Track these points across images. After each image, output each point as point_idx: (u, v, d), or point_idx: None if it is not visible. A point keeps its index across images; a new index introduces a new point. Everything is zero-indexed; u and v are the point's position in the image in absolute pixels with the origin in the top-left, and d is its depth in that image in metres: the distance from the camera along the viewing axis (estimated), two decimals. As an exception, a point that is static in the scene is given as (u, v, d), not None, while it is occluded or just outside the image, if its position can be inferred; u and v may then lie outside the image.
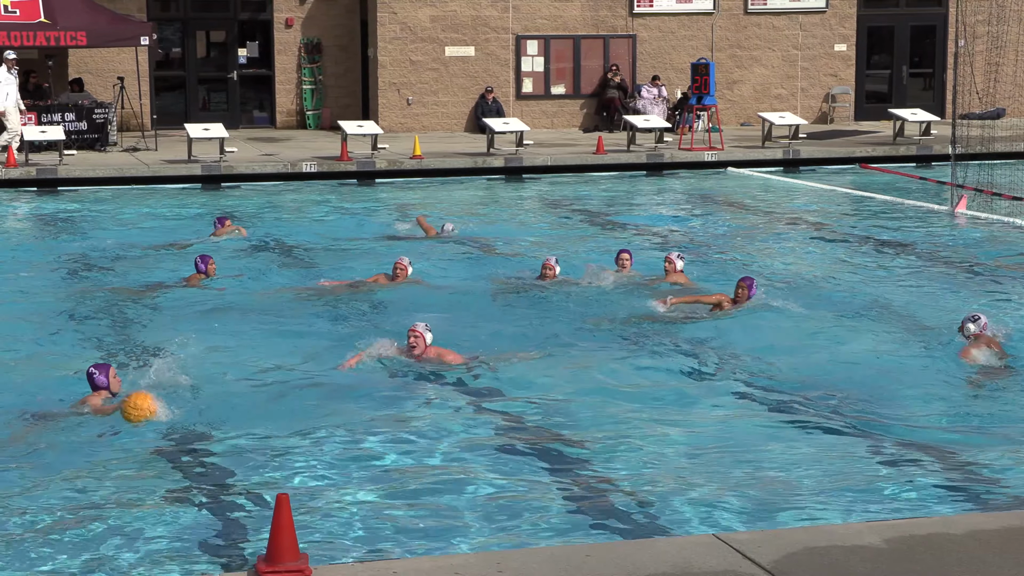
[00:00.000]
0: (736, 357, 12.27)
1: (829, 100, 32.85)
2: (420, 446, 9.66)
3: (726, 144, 27.99)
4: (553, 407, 10.71)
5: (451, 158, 26.67)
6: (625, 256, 15.57)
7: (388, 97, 30.89)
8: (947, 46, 32.64)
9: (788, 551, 6.68)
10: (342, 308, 14.26)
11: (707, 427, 10.17)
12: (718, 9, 32.07)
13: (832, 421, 10.33)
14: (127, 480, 8.96)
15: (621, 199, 23.62)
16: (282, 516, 6.57)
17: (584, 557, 6.76)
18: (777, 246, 18.30)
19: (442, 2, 30.82)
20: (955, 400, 10.88)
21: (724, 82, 31.77)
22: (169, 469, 9.28)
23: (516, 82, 31.47)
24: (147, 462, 9.37)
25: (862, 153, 27.90)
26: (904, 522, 7.40)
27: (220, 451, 9.63)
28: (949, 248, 18.11)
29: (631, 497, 8.69)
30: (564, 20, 31.50)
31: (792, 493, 8.66)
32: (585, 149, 27.60)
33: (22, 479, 8.99)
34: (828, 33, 32.70)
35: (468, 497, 8.65)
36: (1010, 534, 6.90)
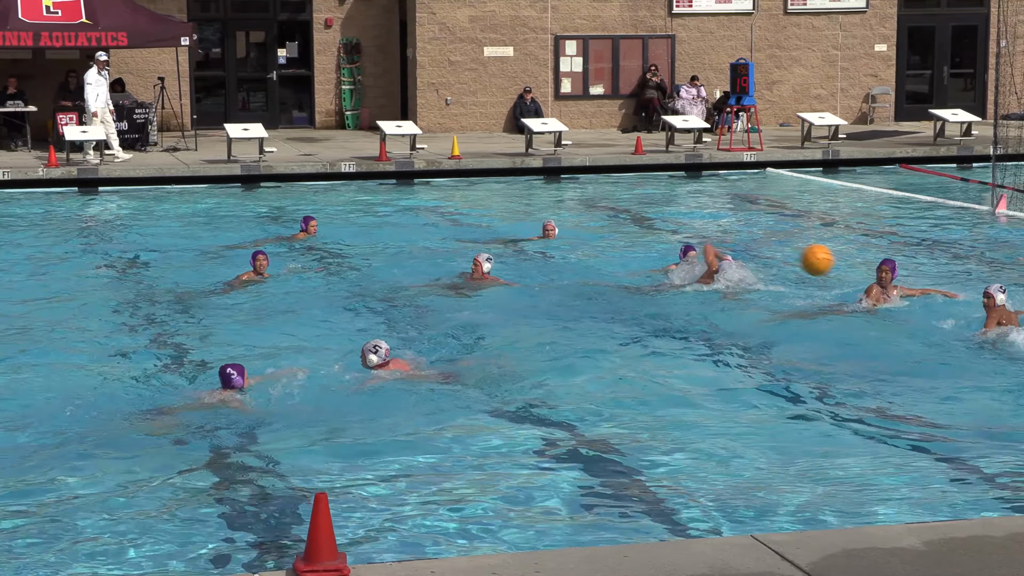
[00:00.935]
0: (773, 355, 12.24)
1: (869, 100, 32.69)
2: (456, 447, 9.68)
3: (765, 145, 27.90)
4: (588, 408, 10.70)
5: (489, 158, 26.69)
6: (693, 253, 15.69)
7: (427, 97, 30.94)
8: (988, 46, 32.44)
9: (826, 553, 6.66)
10: (408, 308, 14.31)
11: (745, 427, 10.15)
12: (757, 9, 31.98)
13: (872, 423, 10.29)
14: (171, 479, 9.02)
15: (659, 199, 23.58)
16: (320, 515, 6.59)
17: (622, 558, 6.75)
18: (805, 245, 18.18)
19: (481, 2, 30.85)
20: (995, 400, 10.81)
21: (763, 82, 31.67)
22: (210, 467, 9.34)
23: (554, 82, 31.47)
24: (190, 459, 9.44)
25: (902, 154, 27.76)
26: (943, 524, 7.36)
27: (260, 450, 9.68)
28: (990, 248, 17.99)
29: (669, 498, 8.68)
30: (603, 20, 31.47)
31: (831, 495, 8.63)
32: (624, 149, 27.57)
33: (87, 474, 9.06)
34: (868, 33, 32.54)
35: (505, 498, 8.65)
36: (1051, 537, 6.86)
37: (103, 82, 25.85)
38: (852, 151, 27.86)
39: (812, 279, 14.44)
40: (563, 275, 16.08)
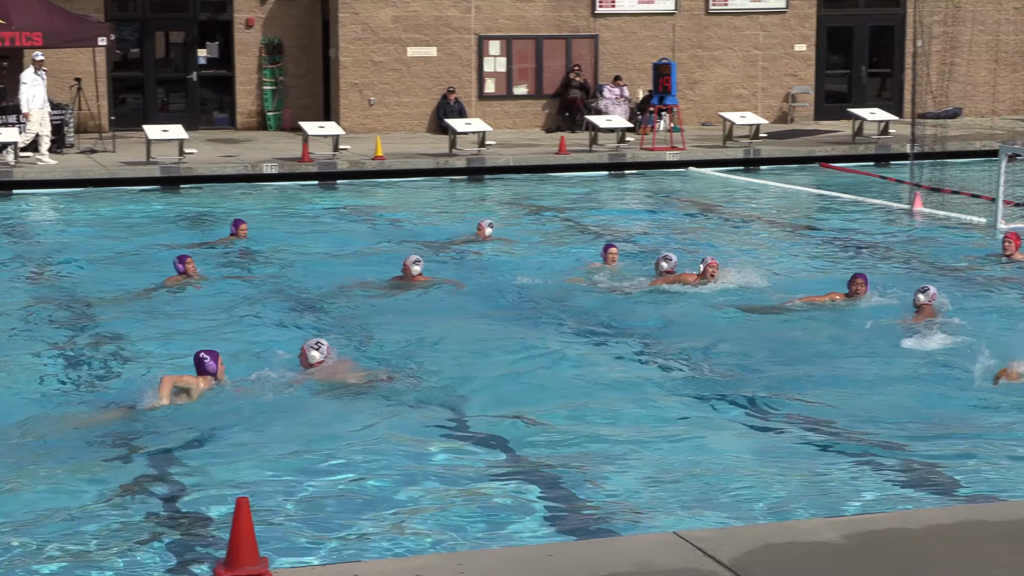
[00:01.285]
0: (702, 355, 12.33)
1: (789, 100, 32.99)
2: (382, 449, 9.65)
3: (688, 144, 28.08)
4: (515, 407, 10.71)
5: (413, 159, 26.64)
6: (613, 250, 16.05)
7: (350, 98, 30.84)
8: (905, 46, 32.86)
9: (748, 548, 6.72)
10: (340, 311, 14.26)
11: (669, 425, 10.21)
12: (679, 10, 32.17)
13: (791, 418, 10.39)
14: (93, 481, 8.92)
15: (584, 199, 23.65)
16: (241, 519, 6.55)
17: (546, 557, 6.77)
18: (738, 245, 18.36)
19: (404, 2, 30.79)
20: (910, 395, 10.95)
21: (685, 82, 31.86)
22: (130, 470, 9.24)
23: (478, 82, 31.47)
24: (104, 467, 9.33)
25: (822, 152, 28.04)
26: (862, 518, 7.45)
27: (180, 456, 9.60)
28: (907, 245, 18.24)
29: (593, 496, 8.71)
30: (526, 20, 31.52)
31: (753, 491, 8.70)
32: (547, 149, 27.63)
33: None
34: (788, 33, 32.85)
35: (430, 498, 8.64)
36: (965, 528, 6.96)
37: (40, 82, 25.48)
38: (773, 150, 28.11)
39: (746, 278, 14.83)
40: (496, 275, 16.11)
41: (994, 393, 10.86)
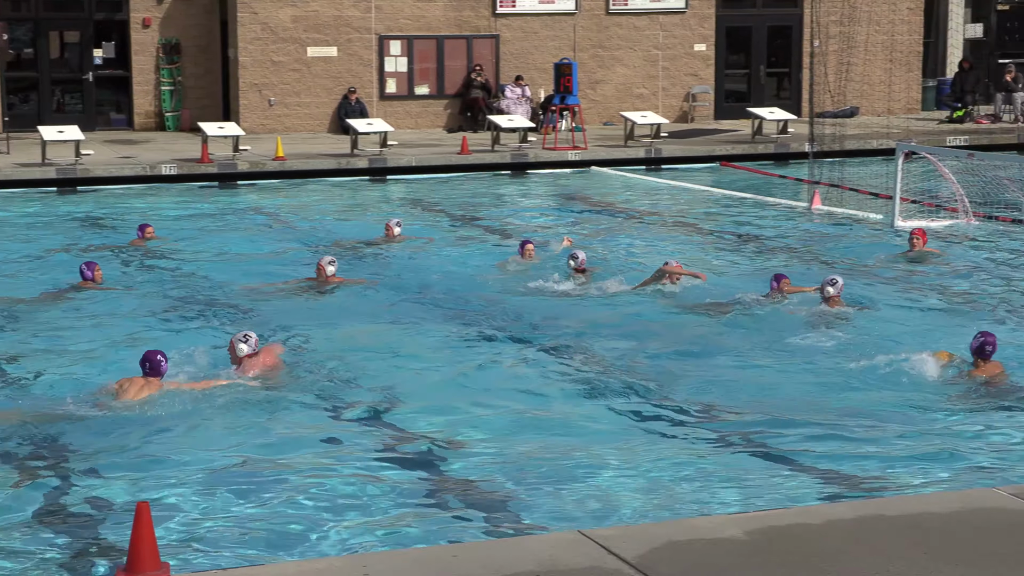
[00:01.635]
0: (594, 351, 12.37)
1: (689, 99, 33.25)
2: (288, 451, 9.57)
3: (589, 143, 28.19)
4: (422, 407, 10.70)
5: (314, 159, 26.48)
6: (530, 246, 16.28)
7: (249, 98, 30.56)
8: (802, 46, 33.25)
9: (651, 545, 6.74)
10: (251, 313, 14.14)
11: (572, 423, 10.23)
12: (580, 10, 32.29)
13: (695, 416, 10.46)
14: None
15: (486, 198, 23.66)
16: (142, 525, 6.46)
17: (451, 557, 6.75)
18: (639, 243, 18.47)
19: (303, 2, 30.58)
20: (811, 391, 11.08)
21: (587, 82, 31.98)
22: (28, 481, 9.08)
23: (379, 82, 31.35)
24: (9, 467, 9.17)
25: (722, 152, 28.31)
26: (764, 514, 7.51)
27: (80, 462, 9.45)
28: (806, 242, 18.45)
29: (498, 496, 8.70)
30: (427, 20, 31.46)
31: (656, 489, 8.75)
32: (450, 149, 27.60)
33: None
34: (688, 33, 33.10)
35: (335, 501, 8.59)
36: (866, 522, 7.04)
37: None
38: (674, 149, 28.31)
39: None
40: (406, 274, 16.08)
41: (896, 388, 11.03)
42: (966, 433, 9.88)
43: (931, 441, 9.67)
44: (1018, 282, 15.44)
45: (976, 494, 7.70)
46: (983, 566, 6.45)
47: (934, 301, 14.39)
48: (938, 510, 7.23)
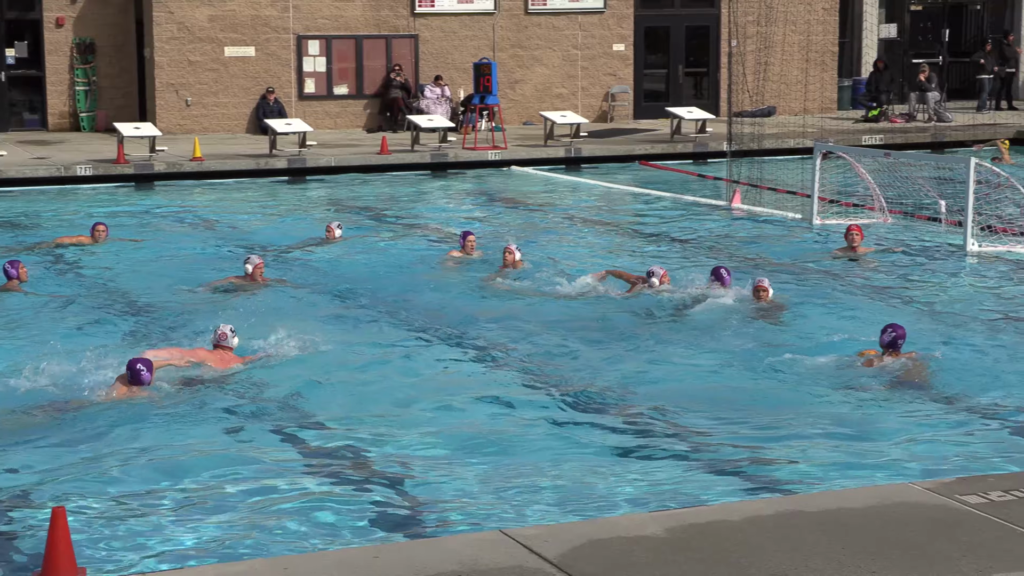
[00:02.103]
0: (520, 349, 12.39)
1: (609, 99, 33.38)
2: (206, 454, 9.50)
3: (509, 143, 28.22)
4: (344, 408, 10.65)
5: (233, 160, 26.27)
6: (472, 238, 16.61)
7: (166, 98, 30.27)
8: (720, 46, 33.51)
9: (573, 544, 6.77)
10: (179, 314, 14.01)
11: (494, 424, 10.24)
12: (499, 9, 32.31)
13: (612, 415, 10.50)
14: None
15: (406, 198, 23.61)
16: (58, 530, 6.38)
17: (372, 558, 6.73)
18: (559, 242, 18.51)
19: (220, 1, 30.33)
20: (731, 388, 11.17)
21: (506, 82, 32.01)
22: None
23: (298, 82, 31.18)
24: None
25: (641, 151, 28.44)
26: (684, 511, 7.56)
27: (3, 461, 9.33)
28: (726, 240, 18.59)
29: (419, 496, 8.69)
30: (345, 20, 31.32)
31: (578, 487, 8.77)
32: (369, 149, 27.51)
33: None
34: (607, 33, 33.23)
35: (255, 504, 8.53)
36: (784, 519, 7.11)
37: None
38: (593, 149, 28.41)
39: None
40: (341, 275, 16.07)
41: (815, 384, 11.14)
42: (882, 428, 10.00)
43: (849, 437, 9.77)
44: (936, 279, 15.65)
45: (891, 489, 7.81)
46: (898, 559, 6.54)
47: (862, 297, 14.53)
48: (855, 505, 7.31)
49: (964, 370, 11.49)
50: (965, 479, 7.96)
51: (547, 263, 16.57)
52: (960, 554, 6.59)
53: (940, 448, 9.48)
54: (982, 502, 7.28)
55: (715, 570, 6.43)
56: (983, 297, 14.56)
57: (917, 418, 10.24)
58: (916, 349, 11.77)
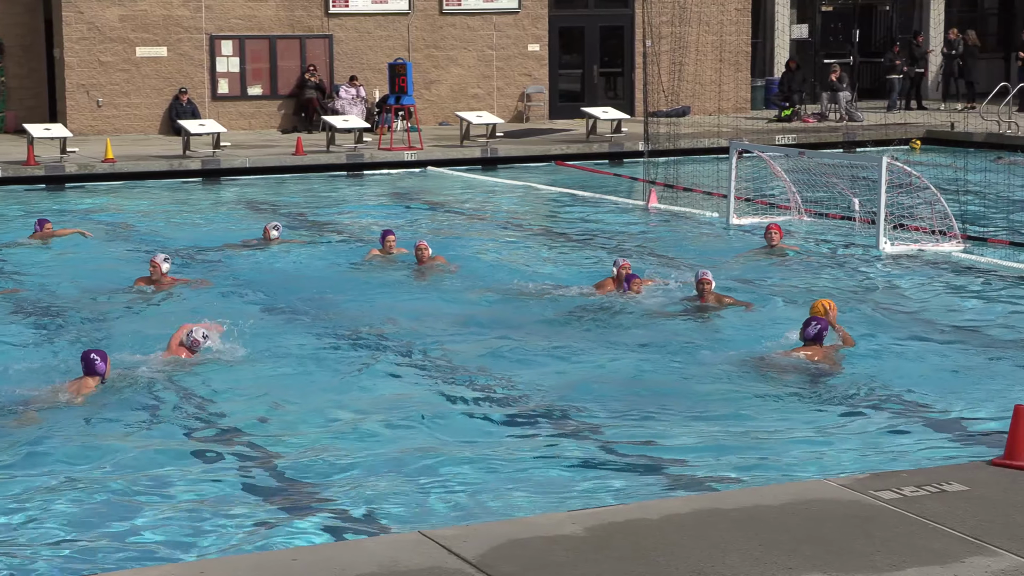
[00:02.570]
0: (433, 352, 12.37)
1: (524, 99, 33.44)
2: (114, 455, 9.39)
3: (425, 144, 28.16)
4: (258, 409, 10.57)
5: (145, 161, 25.99)
6: (391, 238, 16.71)
7: (76, 99, 29.88)
8: (634, 46, 33.68)
9: (492, 544, 6.75)
10: (87, 317, 13.86)
11: (411, 423, 10.21)
12: (413, 10, 32.24)
13: (532, 414, 10.51)
14: None
15: (322, 199, 23.48)
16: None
17: (290, 561, 6.68)
18: (477, 243, 18.50)
19: (131, 1, 29.99)
20: (649, 387, 11.22)
21: (421, 82, 31.95)
22: None
23: (211, 83, 30.91)
24: None
25: (557, 151, 28.51)
26: (603, 510, 7.58)
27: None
28: (643, 240, 18.68)
29: (337, 498, 8.64)
30: (259, 20, 31.11)
31: (498, 487, 8.76)
32: (284, 150, 27.33)
33: None
34: (521, 33, 33.28)
35: (169, 507, 8.44)
36: (702, 516, 7.15)
37: None
38: (510, 149, 28.43)
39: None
40: (263, 276, 16.04)
41: (733, 382, 11.22)
42: (799, 425, 10.09)
43: (766, 433, 9.85)
44: (849, 277, 15.83)
45: (808, 485, 7.87)
46: (814, 555, 6.60)
47: (778, 294, 14.64)
48: (771, 502, 7.37)
49: (877, 367, 11.63)
50: (879, 475, 8.05)
51: (465, 262, 16.58)
52: (874, 549, 6.67)
53: (855, 444, 9.59)
54: (896, 498, 7.37)
55: (634, 569, 6.45)
56: (894, 294, 14.74)
57: (832, 415, 10.34)
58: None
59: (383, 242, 16.81)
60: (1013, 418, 7.98)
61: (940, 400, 10.67)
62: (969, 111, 32.29)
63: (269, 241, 17.92)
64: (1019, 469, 7.84)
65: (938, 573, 6.40)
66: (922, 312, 13.74)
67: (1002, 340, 12.27)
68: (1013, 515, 7.13)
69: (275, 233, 18.03)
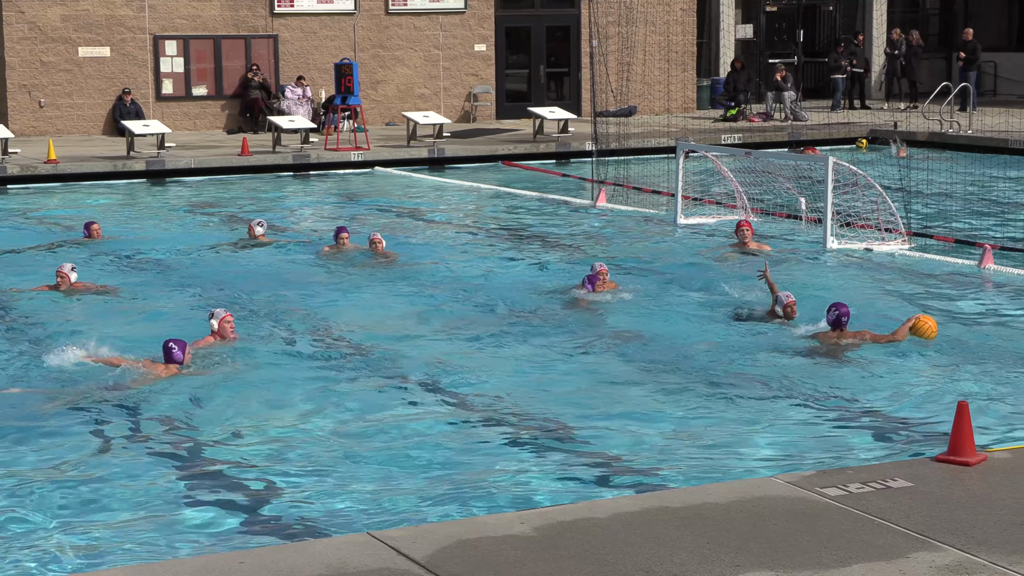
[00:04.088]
0: (386, 351, 12.34)
1: (471, 99, 33.42)
2: (65, 459, 9.30)
3: (372, 144, 28.09)
4: (194, 411, 10.50)
5: (89, 162, 25.77)
6: (345, 235, 17.03)
7: (18, 99, 29.58)
8: (581, 46, 33.74)
9: (441, 545, 6.75)
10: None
11: (358, 425, 10.18)
12: (359, 10, 32.15)
13: (478, 414, 10.51)
14: None
15: (268, 200, 23.37)
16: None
17: (238, 564, 6.65)
18: (425, 243, 18.48)
19: (73, 1, 29.73)
20: (598, 385, 11.23)
21: (368, 82, 31.87)
22: None
23: (155, 83, 30.70)
24: None
25: (504, 151, 28.51)
26: (552, 509, 7.59)
27: None
28: (591, 239, 18.71)
29: (285, 500, 8.60)
30: (203, 20, 30.92)
31: (447, 488, 8.75)
32: (230, 151, 27.18)
33: None
34: (468, 33, 33.26)
35: (114, 510, 8.37)
36: (650, 515, 7.18)
37: None
38: (457, 149, 28.40)
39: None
40: (217, 276, 15.96)
41: (679, 380, 11.25)
42: (745, 423, 10.13)
43: (713, 432, 9.89)
44: (796, 275, 15.92)
45: (754, 483, 7.92)
46: (761, 552, 6.64)
47: (727, 293, 14.69)
48: (719, 500, 7.41)
49: (823, 365, 11.71)
50: (825, 472, 8.11)
51: (413, 261, 16.58)
52: (821, 546, 6.71)
53: (801, 442, 9.65)
54: (842, 494, 7.43)
55: (583, 567, 6.46)
56: (840, 292, 14.83)
57: (779, 413, 10.40)
58: (775, 344, 11.97)
59: (336, 239, 17.09)
60: (956, 414, 8.06)
61: (886, 397, 10.76)
62: (912, 110, 32.60)
63: (255, 239, 18.00)
64: (962, 465, 7.92)
65: (883, 569, 6.45)
66: (868, 309, 13.83)
67: (947, 337, 12.38)
68: (956, 510, 7.20)
69: (259, 230, 18.06)
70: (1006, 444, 9.08)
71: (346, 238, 17.11)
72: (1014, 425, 9.93)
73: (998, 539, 6.80)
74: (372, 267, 16.08)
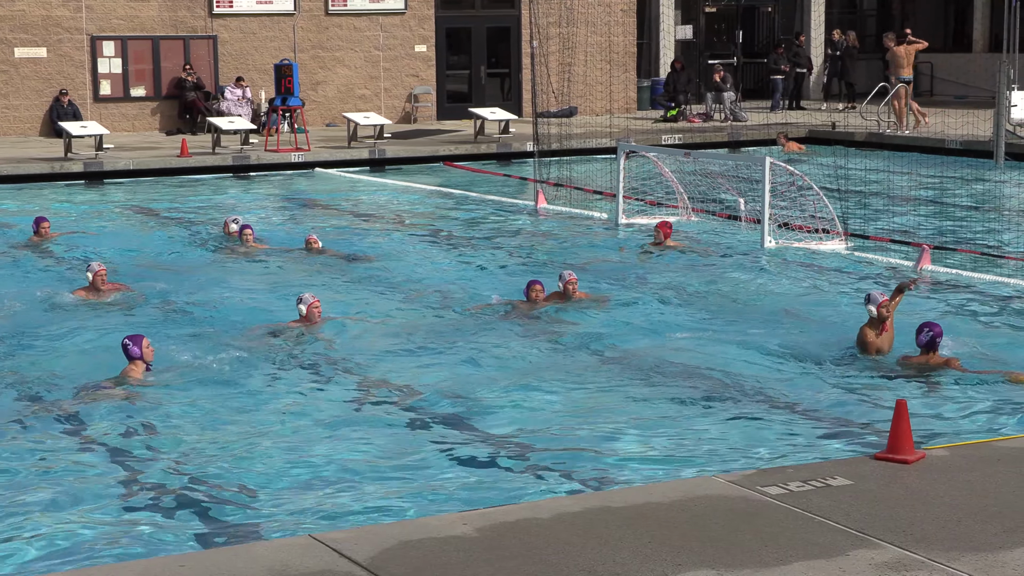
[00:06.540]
0: (329, 353, 12.30)
1: (412, 100, 33.38)
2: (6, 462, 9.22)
3: (312, 145, 27.99)
4: (150, 412, 10.43)
5: (26, 163, 25.52)
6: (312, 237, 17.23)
7: (-46, 100, 29.26)
8: (522, 47, 33.78)
9: (384, 546, 6.74)
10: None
11: (298, 427, 10.14)
12: (299, 10, 32.03)
13: (420, 415, 10.50)
14: None
15: (209, 202, 23.23)
16: None
17: (178, 567, 6.61)
18: (366, 244, 18.43)
19: (9, 1, 29.42)
20: (538, 387, 11.25)
21: (308, 83, 31.76)
22: None
23: (93, 84, 30.44)
24: None
25: (445, 152, 28.50)
26: (495, 510, 7.59)
27: None
28: (533, 240, 18.74)
29: (226, 503, 8.55)
30: (141, 20, 30.70)
31: (388, 489, 8.74)
32: (169, 152, 27.00)
33: None
34: (408, 34, 33.21)
35: (53, 514, 8.29)
36: (592, 515, 7.20)
37: None
38: (398, 150, 28.36)
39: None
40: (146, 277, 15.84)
41: (622, 379, 11.30)
42: (686, 422, 10.18)
43: (654, 431, 9.93)
44: (734, 275, 16.02)
45: (696, 482, 7.96)
46: (703, 551, 6.67)
47: (667, 292, 14.77)
48: (660, 499, 7.44)
49: (762, 365, 11.78)
50: (766, 471, 8.16)
51: (353, 261, 16.55)
52: (761, 544, 6.76)
53: (742, 441, 9.70)
54: (782, 493, 7.48)
55: (525, 567, 6.47)
56: (777, 293, 14.94)
57: (719, 412, 10.45)
58: (718, 344, 12.04)
59: (240, 236, 17.43)
60: (895, 413, 8.14)
61: (825, 396, 10.84)
62: (850, 111, 32.87)
63: (230, 235, 18.08)
64: (901, 463, 8.00)
65: (823, 566, 6.51)
66: (806, 309, 13.94)
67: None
68: (895, 508, 7.27)
69: (234, 227, 18.05)
70: (944, 442, 9.17)
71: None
72: (952, 423, 10.05)
73: (936, 536, 6.87)
74: (309, 268, 16.01)
